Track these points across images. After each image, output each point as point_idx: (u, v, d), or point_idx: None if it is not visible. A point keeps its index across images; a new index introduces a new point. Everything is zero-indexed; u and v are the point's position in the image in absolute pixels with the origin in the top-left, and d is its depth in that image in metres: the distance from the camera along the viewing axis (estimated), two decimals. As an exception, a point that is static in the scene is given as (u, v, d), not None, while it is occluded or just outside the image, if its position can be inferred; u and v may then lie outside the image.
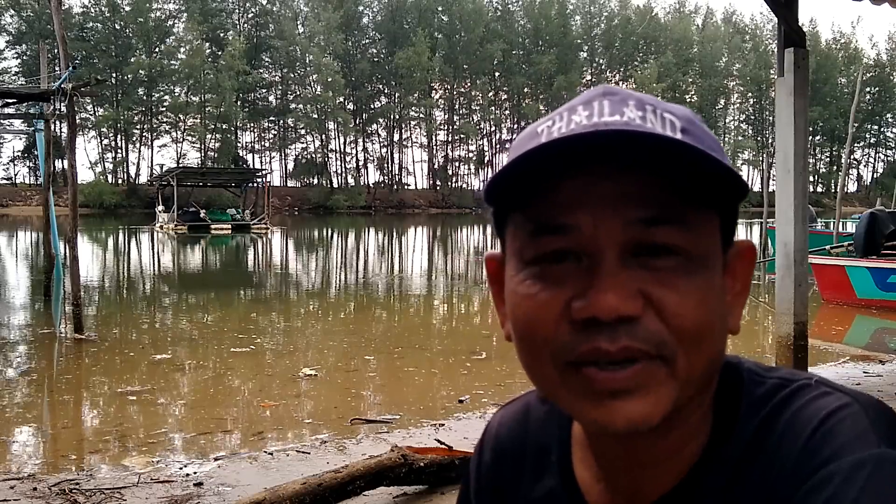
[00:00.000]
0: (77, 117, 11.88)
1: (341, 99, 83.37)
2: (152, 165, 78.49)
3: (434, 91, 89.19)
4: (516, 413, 0.81)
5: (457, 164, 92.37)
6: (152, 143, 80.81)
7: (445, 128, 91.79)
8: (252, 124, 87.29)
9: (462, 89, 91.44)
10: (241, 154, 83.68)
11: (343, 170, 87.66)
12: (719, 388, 0.66)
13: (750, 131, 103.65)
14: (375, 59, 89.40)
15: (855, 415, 0.59)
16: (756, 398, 0.64)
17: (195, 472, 4.63)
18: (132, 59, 74.96)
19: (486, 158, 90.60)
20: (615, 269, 0.57)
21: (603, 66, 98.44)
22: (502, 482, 0.79)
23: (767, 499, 0.59)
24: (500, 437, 0.81)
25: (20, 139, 68.71)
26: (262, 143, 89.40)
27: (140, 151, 79.94)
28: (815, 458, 0.57)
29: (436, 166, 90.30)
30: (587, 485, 0.71)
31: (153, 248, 31.49)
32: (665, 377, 0.58)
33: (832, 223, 20.12)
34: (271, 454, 5.00)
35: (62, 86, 10.86)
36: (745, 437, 0.63)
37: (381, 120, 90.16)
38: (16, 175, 77.24)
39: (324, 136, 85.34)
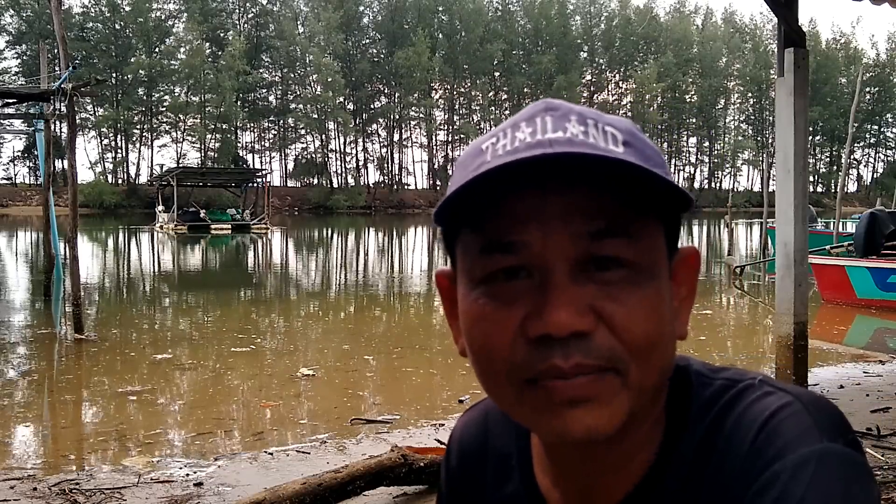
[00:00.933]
0: (77, 117, 11.88)
1: (341, 99, 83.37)
2: (152, 165, 78.64)
3: (434, 91, 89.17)
4: (476, 418, 0.83)
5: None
6: (152, 143, 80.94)
7: (445, 128, 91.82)
8: (252, 124, 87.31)
9: (462, 89, 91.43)
10: (241, 154, 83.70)
11: (343, 170, 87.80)
12: (670, 391, 0.67)
13: (750, 131, 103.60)
14: (375, 59, 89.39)
15: (797, 413, 0.60)
16: (704, 400, 0.66)
17: (195, 472, 4.63)
18: (132, 59, 74.93)
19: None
20: (566, 285, 0.58)
21: (603, 66, 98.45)
22: (468, 486, 0.81)
23: (720, 500, 0.60)
24: (462, 442, 0.83)
25: (20, 139, 68.82)
26: (262, 143, 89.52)
27: (140, 151, 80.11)
28: (760, 458, 0.59)
29: (436, 166, 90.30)
30: (547, 489, 0.72)
31: (153, 248, 31.48)
32: (619, 387, 0.59)
33: (832, 223, 20.11)
34: (271, 454, 5.00)
35: (62, 86, 10.86)
36: (696, 440, 0.64)
37: (381, 120, 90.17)
38: (16, 175, 77.39)
39: (324, 136, 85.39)
